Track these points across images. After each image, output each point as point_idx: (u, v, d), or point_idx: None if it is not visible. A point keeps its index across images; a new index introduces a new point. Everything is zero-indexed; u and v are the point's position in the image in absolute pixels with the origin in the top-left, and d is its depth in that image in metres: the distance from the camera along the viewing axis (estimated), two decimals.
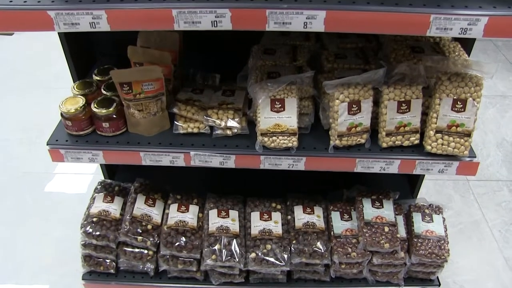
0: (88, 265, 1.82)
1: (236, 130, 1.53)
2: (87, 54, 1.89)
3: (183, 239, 1.71)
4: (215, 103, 1.57)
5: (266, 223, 1.76)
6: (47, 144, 1.52)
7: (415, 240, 1.74)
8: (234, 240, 1.71)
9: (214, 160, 1.50)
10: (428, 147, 1.44)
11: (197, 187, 1.94)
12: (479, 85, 1.35)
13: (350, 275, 1.82)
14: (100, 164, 2.12)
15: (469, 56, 1.63)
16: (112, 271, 1.82)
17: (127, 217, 1.75)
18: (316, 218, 1.78)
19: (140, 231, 1.73)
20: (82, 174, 2.86)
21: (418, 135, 1.48)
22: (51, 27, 1.15)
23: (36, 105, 3.47)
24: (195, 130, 1.54)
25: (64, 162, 1.55)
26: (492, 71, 1.32)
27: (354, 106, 1.41)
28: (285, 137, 1.45)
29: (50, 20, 1.14)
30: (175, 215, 1.78)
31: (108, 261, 1.81)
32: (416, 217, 1.80)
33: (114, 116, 1.51)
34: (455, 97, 1.36)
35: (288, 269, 1.73)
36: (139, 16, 1.13)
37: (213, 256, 1.68)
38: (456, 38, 1.67)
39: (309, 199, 1.87)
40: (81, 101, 1.52)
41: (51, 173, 2.87)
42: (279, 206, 1.84)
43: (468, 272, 2.32)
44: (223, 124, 1.51)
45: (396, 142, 1.48)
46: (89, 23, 1.14)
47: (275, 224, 1.76)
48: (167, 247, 1.71)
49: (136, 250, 1.76)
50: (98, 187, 1.92)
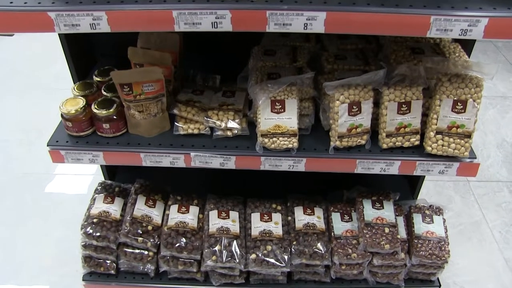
0: (89, 266, 1.82)
1: (237, 131, 1.53)
2: (88, 55, 1.89)
3: (184, 240, 1.71)
4: (216, 104, 1.57)
5: (267, 224, 1.76)
6: (48, 145, 1.52)
7: (416, 241, 1.74)
8: (235, 241, 1.71)
9: (215, 161, 1.50)
10: (429, 148, 1.44)
11: (198, 188, 1.94)
12: (479, 86, 1.35)
13: (351, 276, 1.82)
14: (101, 165, 2.12)
15: (469, 57, 1.63)
16: (113, 272, 1.82)
17: (128, 218, 1.75)
18: (317, 219, 1.78)
19: (141, 232, 1.73)
20: (82, 175, 2.86)
21: (419, 136, 1.48)
22: (52, 28, 1.15)
23: (36, 106, 3.46)
24: (196, 131, 1.54)
25: (65, 163, 1.55)
26: (492, 72, 1.32)
27: (355, 107, 1.41)
28: (286, 138, 1.45)
29: (51, 21, 1.14)
30: (176, 216, 1.78)
31: (109, 262, 1.81)
32: (417, 218, 1.80)
33: (115, 117, 1.51)
34: (456, 98, 1.36)
35: (289, 270, 1.73)
36: (140, 17, 1.13)
37: (214, 257, 1.68)
38: (456, 39, 1.67)
39: (310, 200, 1.87)
40: (82, 102, 1.52)
41: (51, 174, 2.87)
42: (280, 207, 1.84)
43: (469, 273, 2.32)
44: (224, 125, 1.51)
45: (397, 143, 1.48)
46: (90, 24, 1.14)
47: (276, 225, 1.76)
48: (168, 248, 1.71)
49: (137, 251, 1.76)
50: (99, 188, 1.93)
